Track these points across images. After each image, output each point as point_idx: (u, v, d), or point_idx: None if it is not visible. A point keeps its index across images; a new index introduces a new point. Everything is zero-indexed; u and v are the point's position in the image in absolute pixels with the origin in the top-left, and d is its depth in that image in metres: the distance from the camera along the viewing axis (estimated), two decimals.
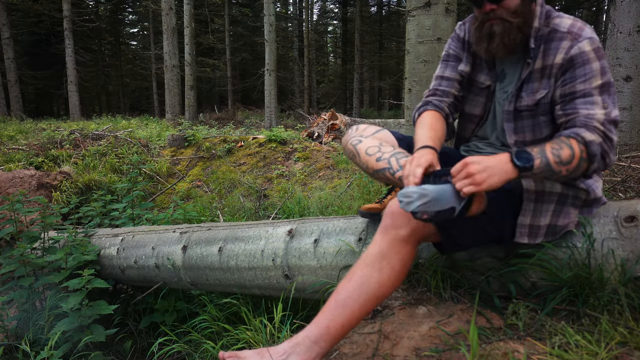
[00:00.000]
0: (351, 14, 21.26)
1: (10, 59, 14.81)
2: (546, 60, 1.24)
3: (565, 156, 1.09)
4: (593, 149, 1.12)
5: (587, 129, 1.13)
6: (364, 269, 1.14)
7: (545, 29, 1.25)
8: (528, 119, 1.30)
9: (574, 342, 1.05)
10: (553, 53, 1.22)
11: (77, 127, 7.83)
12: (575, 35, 1.20)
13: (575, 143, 1.12)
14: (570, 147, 1.10)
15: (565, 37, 1.21)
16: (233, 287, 2.02)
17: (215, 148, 5.90)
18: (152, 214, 3.24)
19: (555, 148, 1.10)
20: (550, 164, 1.08)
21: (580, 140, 1.12)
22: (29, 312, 2.38)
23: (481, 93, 1.41)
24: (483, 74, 1.40)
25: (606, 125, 1.14)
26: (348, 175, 4.58)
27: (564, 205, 1.26)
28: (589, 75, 1.17)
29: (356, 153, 1.38)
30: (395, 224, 1.15)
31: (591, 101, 1.16)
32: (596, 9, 17.18)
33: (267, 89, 10.36)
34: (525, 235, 1.26)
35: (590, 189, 1.26)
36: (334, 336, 1.10)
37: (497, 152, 1.39)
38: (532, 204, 1.25)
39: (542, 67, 1.25)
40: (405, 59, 3.04)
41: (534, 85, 1.27)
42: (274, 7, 10.16)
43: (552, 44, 1.23)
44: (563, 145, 1.11)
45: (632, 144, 4.39)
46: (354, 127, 1.48)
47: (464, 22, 1.46)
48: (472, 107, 1.45)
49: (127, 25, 25.11)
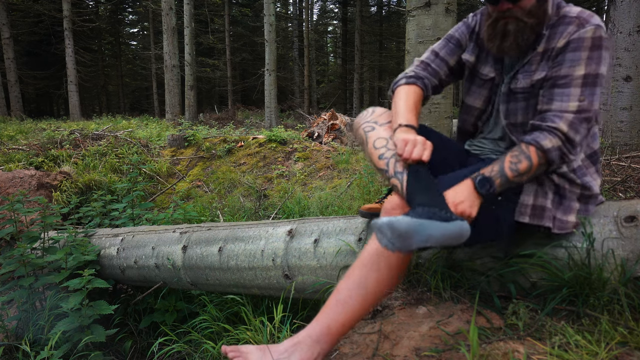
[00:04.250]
0: (351, 14, 21.27)
1: (10, 59, 14.81)
2: (549, 44, 1.23)
3: (523, 168, 1.15)
4: (551, 155, 1.15)
5: (549, 133, 1.15)
6: (362, 268, 1.15)
7: (555, 17, 1.24)
8: (522, 102, 1.29)
9: (574, 342, 1.05)
10: (557, 37, 1.21)
11: (77, 127, 7.83)
12: (583, 21, 1.19)
13: (534, 151, 1.15)
14: (528, 159, 1.15)
15: (573, 22, 1.20)
16: (233, 287, 2.02)
17: (215, 148, 5.90)
18: (152, 214, 3.24)
19: (513, 162, 1.15)
20: (509, 179, 1.14)
21: (539, 147, 1.15)
22: (29, 312, 2.38)
23: (484, 85, 1.39)
24: (488, 66, 1.38)
25: (574, 124, 1.15)
26: (348, 175, 4.58)
27: (562, 197, 1.25)
28: (575, 62, 1.16)
29: (365, 141, 1.33)
30: None
31: (568, 92, 1.16)
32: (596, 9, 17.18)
33: (267, 89, 10.36)
34: (527, 215, 1.23)
35: (587, 185, 1.26)
36: (335, 335, 1.10)
37: (499, 152, 1.40)
38: (534, 185, 1.24)
39: (543, 50, 1.24)
40: (405, 59, 3.04)
41: (532, 68, 1.26)
42: (274, 7, 10.15)
43: (558, 28, 1.22)
44: (522, 158, 1.15)
45: (632, 144, 4.39)
46: (370, 110, 1.40)
47: (475, 13, 1.45)
48: (474, 99, 1.42)
49: (127, 25, 25.10)
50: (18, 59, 15.95)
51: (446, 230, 1.02)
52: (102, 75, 22.21)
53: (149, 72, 21.52)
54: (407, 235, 1.00)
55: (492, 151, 1.42)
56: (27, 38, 18.53)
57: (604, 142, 4.43)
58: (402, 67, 18.86)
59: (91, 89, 22.92)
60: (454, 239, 1.04)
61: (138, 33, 25.81)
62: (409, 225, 1.00)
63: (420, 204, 1.08)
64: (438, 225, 1.02)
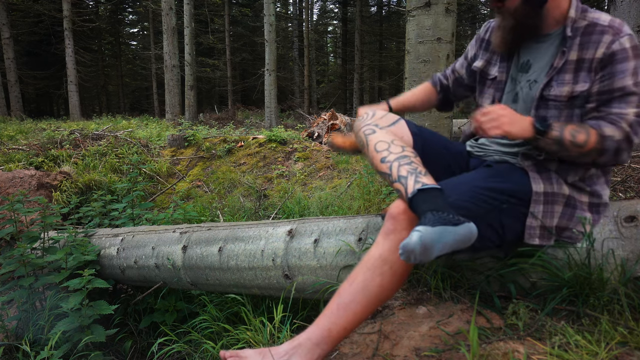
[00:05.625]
0: (351, 14, 21.27)
1: (10, 59, 14.81)
2: (584, 53, 1.22)
3: (580, 140, 1.16)
4: (608, 143, 1.16)
5: (612, 125, 1.17)
6: (366, 272, 1.13)
7: (582, 21, 1.24)
8: (553, 109, 1.28)
9: (574, 342, 1.05)
10: (593, 47, 1.21)
11: (77, 127, 7.83)
12: (617, 30, 1.19)
13: (594, 133, 1.16)
14: (587, 134, 1.16)
15: (607, 32, 1.20)
16: (233, 287, 2.02)
17: (215, 148, 5.90)
18: (152, 214, 3.24)
19: (575, 129, 1.17)
20: (563, 140, 1.16)
21: (600, 132, 1.16)
22: (29, 312, 2.38)
23: (491, 85, 1.44)
24: (495, 67, 1.43)
25: (634, 126, 1.17)
26: (348, 175, 4.58)
27: (574, 208, 1.26)
28: (627, 73, 1.17)
29: (366, 144, 1.31)
30: (396, 228, 1.14)
31: (626, 100, 1.18)
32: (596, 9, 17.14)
33: (267, 89, 10.36)
34: (536, 237, 1.26)
35: (597, 193, 1.27)
36: (336, 338, 1.10)
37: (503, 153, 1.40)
38: (540, 205, 1.25)
39: (578, 59, 1.23)
40: (405, 59, 3.04)
41: (565, 77, 1.25)
42: (274, 7, 10.15)
43: (592, 37, 1.22)
44: (582, 131, 1.17)
45: None
46: (370, 113, 1.39)
47: (489, 21, 1.52)
48: (483, 100, 1.47)
49: (127, 25, 25.11)
50: (18, 59, 15.95)
51: (457, 234, 1.01)
52: (102, 75, 22.22)
53: (149, 72, 21.52)
54: (431, 247, 0.98)
55: (496, 152, 1.42)
56: (27, 38, 18.53)
57: None
58: (402, 67, 18.86)
59: (91, 89, 22.92)
60: (463, 242, 1.03)
61: (138, 33, 25.81)
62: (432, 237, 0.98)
63: (429, 210, 1.05)
64: (450, 230, 1.00)
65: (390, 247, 1.13)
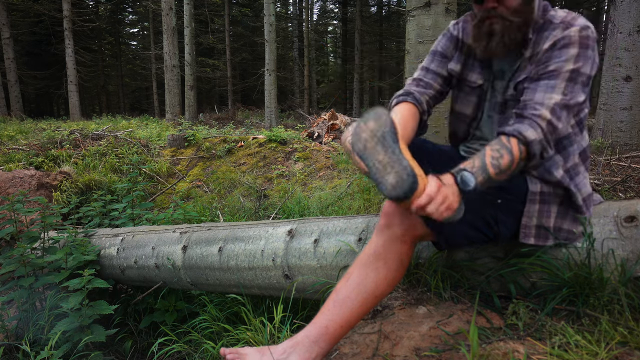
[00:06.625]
0: (351, 14, 21.27)
1: (10, 59, 14.80)
2: (536, 48, 1.23)
3: (504, 165, 1.07)
4: (534, 148, 1.10)
5: (532, 123, 1.11)
6: (361, 268, 1.15)
7: (541, 20, 1.25)
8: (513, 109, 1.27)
9: (574, 342, 1.05)
10: (543, 41, 1.22)
11: (77, 127, 7.83)
12: (568, 24, 1.19)
13: (515, 144, 1.09)
14: (510, 153, 1.08)
15: (558, 27, 1.20)
16: (233, 287, 2.02)
17: (215, 148, 5.90)
18: (152, 214, 3.24)
19: (495, 157, 1.07)
20: (491, 177, 1.06)
21: (522, 139, 1.10)
22: (29, 312, 2.38)
23: (472, 92, 1.39)
24: (475, 73, 1.37)
25: (555, 111, 1.12)
26: (348, 175, 4.58)
27: (568, 207, 1.26)
28: (563, 58, 1.16)
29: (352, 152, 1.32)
30: (389, 223, 1.15)
31: (552, 84, 1.14)
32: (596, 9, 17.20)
33: (267, 89, 10.35)
34: (531, 236, 1.25)
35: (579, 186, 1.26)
36: (334, 336, 1.10)
37: None
38: (536, 205, 1.25)
39: (530, 56, 1.24)
40: (405, 59, 3.04)
41: (521, 75, 1.26)
42: (274, 7, 10.15)
43: (544, 33, 1.22)
44: (503, 152, 1.07)
45: (632, 144, 4.39)
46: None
47: (457, 21, 1.44)
48: (463, 107, 1.42)
49: (127, 25, 25.10)
50: (18, 59, 15.95)
51: None
52: (102, 75, 22.22)
53: (149, 72, 21.51)
54: None
55: None
56: (27, 38, 18.53)
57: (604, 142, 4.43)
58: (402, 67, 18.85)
59: (91, 89, 22.92)
60: None
61: (138, 33, 25.81)
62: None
63: None
64: None
65: (384, 243, 1.15)
